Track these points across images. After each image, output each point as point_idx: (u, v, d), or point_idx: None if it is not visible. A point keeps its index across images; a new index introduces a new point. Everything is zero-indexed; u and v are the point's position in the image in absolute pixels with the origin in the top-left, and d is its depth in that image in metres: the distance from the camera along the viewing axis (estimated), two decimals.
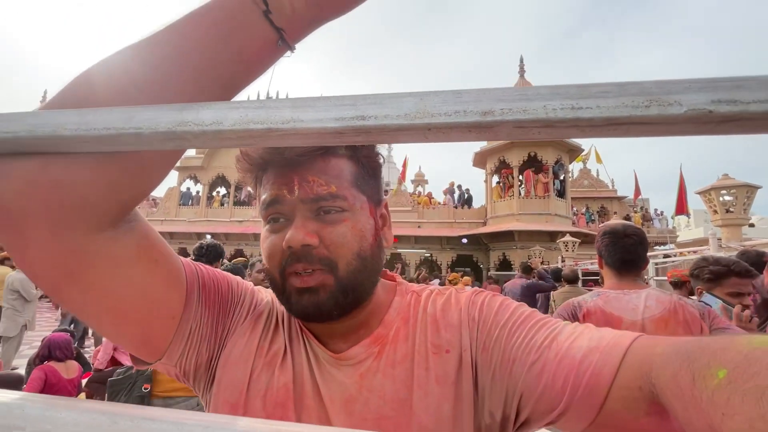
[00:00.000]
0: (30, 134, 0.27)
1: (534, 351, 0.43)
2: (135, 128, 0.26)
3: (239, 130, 0.24)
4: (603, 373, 0.37)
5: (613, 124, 0.21)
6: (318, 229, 0.47)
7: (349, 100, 0.23)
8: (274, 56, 0.38)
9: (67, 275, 0.36)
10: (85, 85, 0.33)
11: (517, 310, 0.49)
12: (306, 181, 0.48)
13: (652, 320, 1.47)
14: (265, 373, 0.49)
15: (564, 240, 10.94)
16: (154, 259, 0.42)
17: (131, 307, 0.40)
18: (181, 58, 0.34)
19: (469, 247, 15.90)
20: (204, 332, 0.49)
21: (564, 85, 0.21)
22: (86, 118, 0.27)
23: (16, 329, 4.75)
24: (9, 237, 0.33)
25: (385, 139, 0.23)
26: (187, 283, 0.47)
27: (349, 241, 0.48)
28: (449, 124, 0.22)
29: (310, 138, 0.24)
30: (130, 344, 0.45)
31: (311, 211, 0.48)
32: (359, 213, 0.50)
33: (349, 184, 0.50)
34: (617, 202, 19.91)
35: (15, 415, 0.23)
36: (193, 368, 0.49)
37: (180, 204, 18.87)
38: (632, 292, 1.56)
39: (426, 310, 0.53)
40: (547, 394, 0.40)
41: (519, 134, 0.22)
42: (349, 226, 0.48)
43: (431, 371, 0.47)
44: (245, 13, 0.35)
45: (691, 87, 0.20)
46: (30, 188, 0.31)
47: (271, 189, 0.49)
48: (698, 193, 6.09)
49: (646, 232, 1.93)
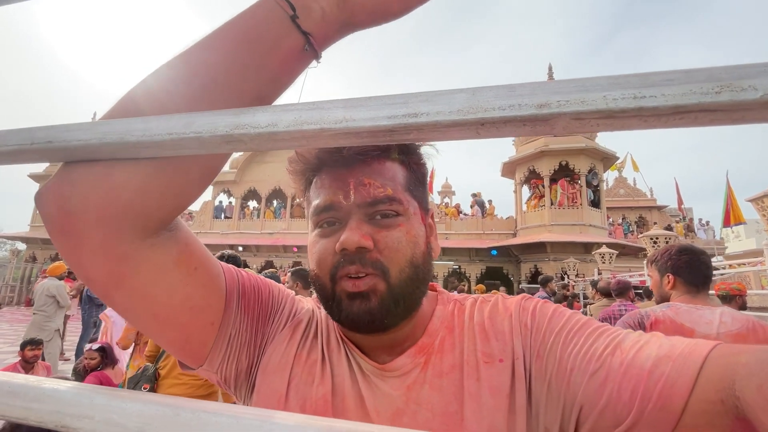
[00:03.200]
0: (100, 141, 0.29)
1: (595, 359, 0.39)
2: (195, 132, 0.27)
3: (293, 131, 0.25)
4: (678, 384, 0.34)
5: (680, 113, 0.20)
6: (373, 233, 0.46)
7: (401, 98, 0.24)
8: (301, 64, 0.37)
9: (115, 281, 0.37)
10: (130, 104, 0.35)
11: (573, 317, 0.46)
12: (362, 184, 0.47)
13: (729, 335, 1.41)
14: (304, 382, 0.49)
15: (600, 252, 10.47)
16: (194, 266, 0.43)
17: (172, 312, 0.41)
18: (209, 72, 0.35)
19: (499, 259, 15.52)
20: (243, 339, 0.49)
21: (624, 75, 0.21)
22: (150, 124, 0.28)
23: (49, 335, 4.97)
24: (69, 241, 0.35)
25: (437, 136, 0.24)
26: (227, 290, 0.47)
27: (403, 247, 0.46)
28: (503, 118, 0.22)
29: (362, 137, 0.24)
30: (172, 348, 0.46)
31: (366, 215, 0.47)
32: (413, 218, 0.49)
33: (403, 188, 0.49)
34: (657, 212, 18.94)
35: (84, 405, 0.25)
36: (233, 375, 0.50)
37: (213, 217, 19.61)
38: (705, 307, 1.54)
39: (473, 318, 0.50)
40: (612, 406, 0.37)
41: (577, 126, 0.22)
42: (404, 231, 0.47)
43: (483, 382, 0.44)
44: (273, 19, 0.35)
45: (766, 70, 0.19)
46: (93, 193, 0.33)
47: (325, 194, 0.48)
48: (750, 201, 5.68)
49: (691, 244, 1.89)
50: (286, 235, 17.73)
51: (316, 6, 0.35)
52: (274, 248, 17.58)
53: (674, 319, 1.54)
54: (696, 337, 1.48)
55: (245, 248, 18.00)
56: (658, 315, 1.58)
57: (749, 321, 1.41)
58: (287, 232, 17.83)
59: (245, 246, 17.88)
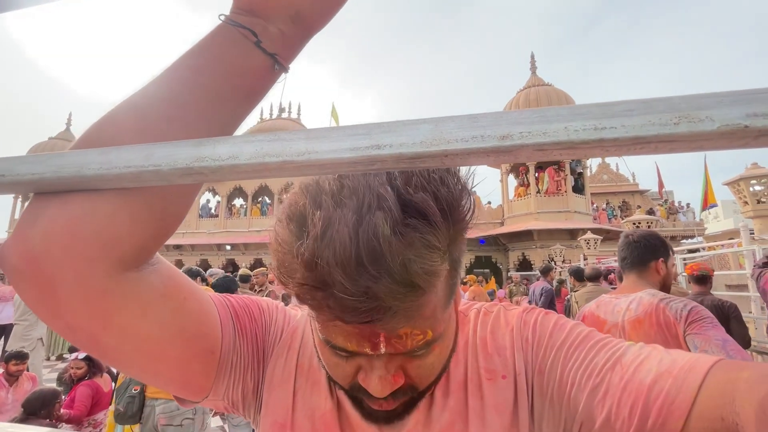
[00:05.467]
0: (55, 175, 0.28)
1: (595, 374, 0.39)
2: (154, 165, 0.26)
3: (255, 164, 0.24)
4: (678, 401, 0.33)
5: (640, 143, 0.20)
6: (403, 364, 0.40)
7: (363, 129, 0.23)
8: (272, 81, 0.39)
9: (101, 321, 0.34)
10: (98, 133, 0.33)
11: (575, 330, 0.45)
12: (397, 336, 0.37)
13: (629, 321, 1.48)
14: (310, 392, 0.48)
15: (585, 237, 10.69)
16: (183, 297, 0.40)
17: (168, 347, 0.39)
18: (183, 102, 0.35)
19: (488, 248, 15.71)
20: (246, 361, 0.48)
21: (585, 105, 0.21)
22: (108, 156, 0.27)
23: (32, 344, 4.85)
24: (42, 290, 0.32)
25: (401, 166, 0.23)
26: (220, 316, 0.45)
27: (437, 369, 0.42)
28: (467, 150, 0.21)
29: (326, 169, 0.24)
30: (174, 386, 0.44)
31: (398, 358, 0.39)
32: (448, 331, 0.42)
33: (443, 308, 0.39)
34: (639, 196, 19.37)
35: None
36: (240, 397, 0.48)
37: (199, 216, 19.32)
38: (623, 296, 1.58)
39: (476, 333, 0.49)
40: (611, 423, 0.36)
41: (540, 156, 0.21)
42: (437, 353, 0.41)
43: (486, 399, 0.44)
44: (238, 47, 0.35)
45: (723, 101, 0.19)
46: (52, 226, 0.31)
47: (344, 341, 0.38)
48: (726, 184, 5.85)
49: (672, 226, 1.89)
50: None
51: (273, 28, 0.36)
52: (263, 246, 17.42)
53: (594, 312, 1.63)
54: (606, 326, 1.53)
55: (233, 247, 17.82)
56: (585, 311, 1.69)
57: (652, 305, 1.43)
58: None
59: (233, 245, 17.70)
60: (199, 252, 18.17)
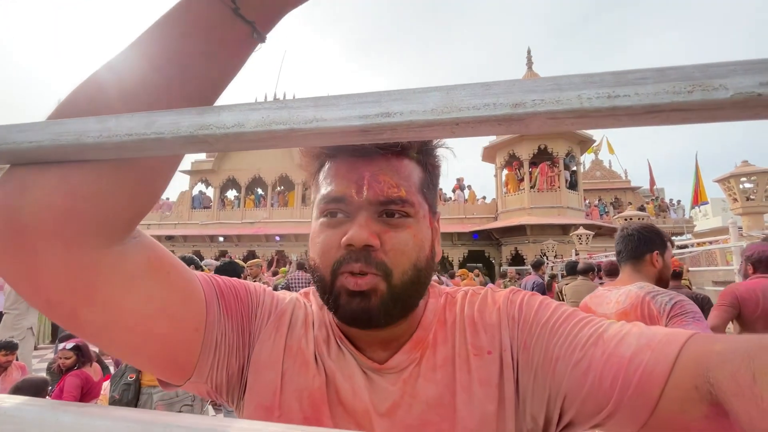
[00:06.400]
0: (53, 143, 0.27)
1: (578, 349, 0.41)
2: (156, 133, 0.25)
3: (261, 132, 0.24)
4: (656, 371, 0.35)
5: (653, 112, 0.20)
6: (380, 231, 0.45)
7: (373, 96, 0.23)
8: (250, 49, 0.39)
9: (84, 296, 0.34)
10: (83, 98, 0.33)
11: (558, 309, 0.47)
12: (377, 180, 0.46)
13: (617, 313, 1.51)
14: (297, 373, 0.48)
15: (577, 233, 10.78)
16: (166, 270, 0.40)
17: (152, 323, 0.38)
18: (162, 69, 0.34)
19: (481, 243, 15.79)
20: (231, 342, 0.47)
21: (599, 73, 0.20)
22: (108, 124, 0.27)
23: (22, 333, 4.79)
24: (21, 260, 0.32)
25: (411, 135, 0.23)
26: (205, 293, 0.45)
27: (409, 250, 0.46)
28: (478, 117, 0.21)
29: (335, 137, 0.23)
30: (156, 366, 0.43)
31: (376, 212, 0.46)
32: (422, 221, 0.48)
33: (417, 189, 0.48)
34: (631, 193, 19.56)
35: (49, 424, 0.24)
36: (225, 380, 0.48)
37: (192, 207, 19.15)
38: (615, 288, 1.61)
39: (463, 311, 0.51)
40: (594, 394, 0.38)
41: (552, 126, 0.21)
42: (411, 234, 0.46)
43: (473, 374, 0.46)
44: (216, 14, 0.35)
45: (736, 69, 0.19)
46: (50, 199, 0.30)
47: (337, 184, 0.47)
48: (716, 182, 5.93)
49: (662, 223, 1.92)
50: (268, 224, 17.49)
51: None
52: (256, 237, 17.34)
53: (587, 303, 1.68)
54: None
55: (226, 238, 17.71)
56: (581, 305, 1.73)
57: (638, 298, 1.46)
58: (269, 221, 17.59)
59: (226, 236, 17.59)
60: (192, 243, 18.02)
